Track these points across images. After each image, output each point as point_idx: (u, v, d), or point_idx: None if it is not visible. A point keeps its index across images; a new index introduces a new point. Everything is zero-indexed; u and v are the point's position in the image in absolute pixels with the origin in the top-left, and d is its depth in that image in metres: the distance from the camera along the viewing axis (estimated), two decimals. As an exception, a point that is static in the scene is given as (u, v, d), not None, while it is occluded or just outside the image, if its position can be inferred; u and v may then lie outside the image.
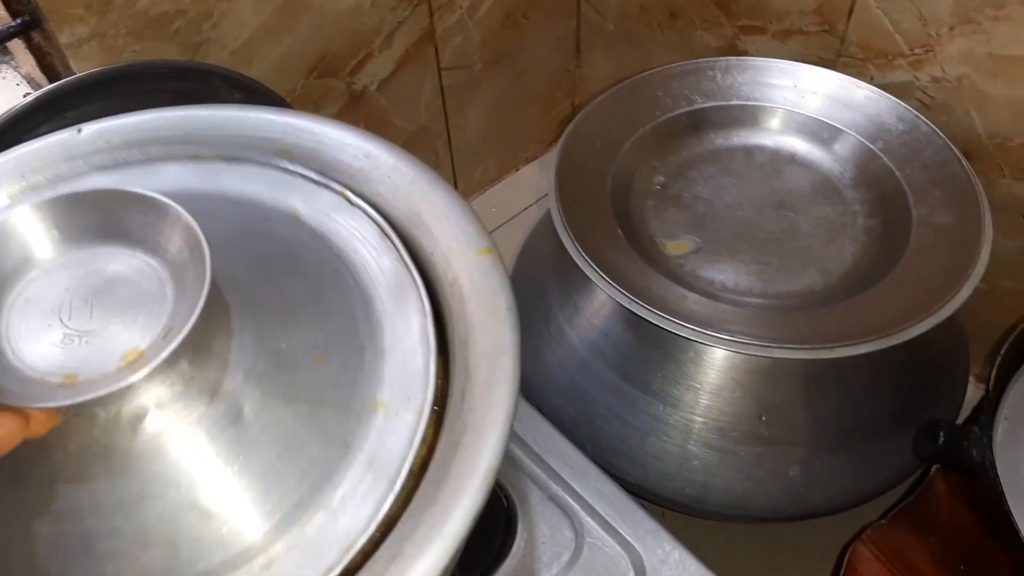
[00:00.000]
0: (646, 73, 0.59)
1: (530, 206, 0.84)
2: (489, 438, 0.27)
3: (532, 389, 0.54)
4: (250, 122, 0.39)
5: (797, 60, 0.64)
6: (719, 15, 0.69)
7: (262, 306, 0.32)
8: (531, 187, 0.86)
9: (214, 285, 0.29)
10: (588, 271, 0.46)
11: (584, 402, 0.51)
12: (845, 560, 0.45)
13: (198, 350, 0.28)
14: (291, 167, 0.38)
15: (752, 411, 0.47)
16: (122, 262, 0.29)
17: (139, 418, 0.27)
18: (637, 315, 0.45)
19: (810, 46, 0.64)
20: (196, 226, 0.27)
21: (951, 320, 0.53)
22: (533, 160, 0.88)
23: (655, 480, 0.49)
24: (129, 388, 0.25)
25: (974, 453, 0.42)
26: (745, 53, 0.69)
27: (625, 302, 0.45)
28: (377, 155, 0.37)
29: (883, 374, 0.49)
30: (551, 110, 0.86)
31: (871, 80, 0.62)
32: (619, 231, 0.50)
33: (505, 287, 0.31)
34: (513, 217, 0.83)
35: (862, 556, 0.45)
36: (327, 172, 0.37)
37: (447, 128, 0.76)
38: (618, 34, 0.80)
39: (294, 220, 0.36)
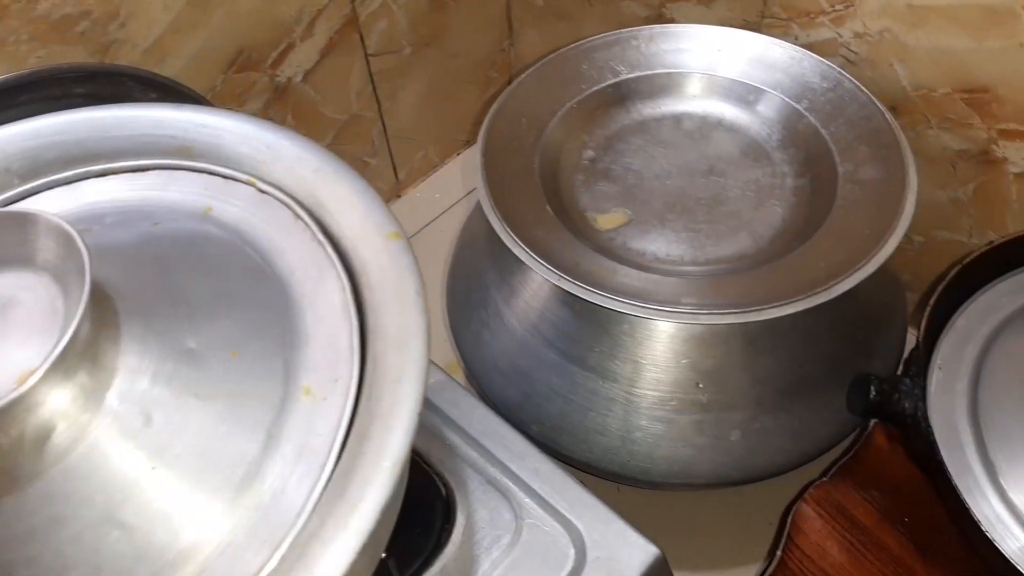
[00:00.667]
0: (569, 47, 0.59)
1: (474, 190, 0.83)
2: (395, 430, 0.26)
3: (475, 372, 0.54)
4: (149, 121, 0.38)
5: (722, 24, 0.64)
6: (643, -17, 0.69)
7: (167, 307, 0.31)
8: (473, 170, 0.85)
9: (99, 288, 0.28)
10: (516, 249, 0.46)
11: (526, 382, 0.51)
12: (789, 520, 0.45)
13: (96, 358, 0.27)
14: (198, 165, 0.37)
15: (689, 379, 0.47)
16: (12, 285, 0.28)
17: (44, 438, 0.26)
18: (568, 291, 0.44)
19: (734, 9, 0.64)
20: (69, 228, 0.26)
21: (884, 272, 0.54)
22: (473, 143, 0.87)
23: (600, 455, 0.49)
24: (17, 404, 0.24)
25: (906, 405, 0.42)
26: (672, 20, 0.69)
27: (554, 279, 0.44)
28: (279, 145, 0.36)
29: (818, 332, 0.49)
30: (487, 91, 0.85)
31: (795, 39, 0.62)
32: (548, 208, 0.50)
33: (413, 271, 0.31)
34: (457, 202, 0.82)
35: (805, 515, 0.45)
36: (231, 165, 0.36)
37: (380, 115, 0.75)
38: (548, 9, 0.79)
39: (205, 217, 0.35)
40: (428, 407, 0.43)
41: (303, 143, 0.36)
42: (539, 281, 0.51)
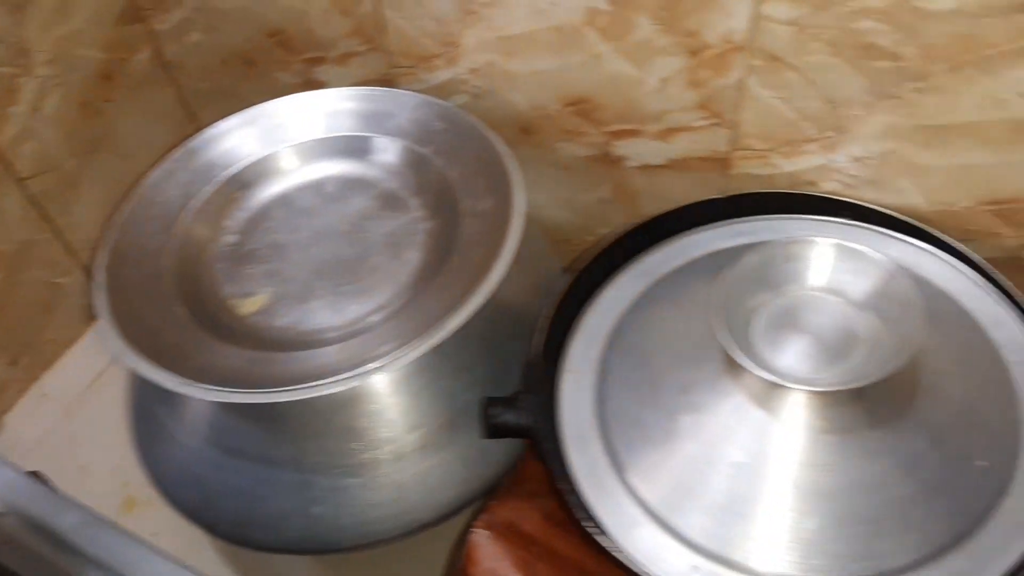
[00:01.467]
0: (196, 137, 0.59)
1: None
2: None
3: (164, 488, 0.53)
4: None
5: (362, 82, 0.66)
6: (285, 55, 0.70)
7: None
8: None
9: None
10: (135, 365, 0.45)
11: (201, 486, 0.50)
12: (463, 552, 0.47)
13: None
14: None
15: (344, 444, 0.48)
16: None
17: None
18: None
19: (367, 65, 0.66)
20: None
21: (537, 286, 0.57)
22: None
23: (290, 538, 0.49)
24: None
25: (522, 422, 0.45)
26: (322, 83, 0.70)
27: (173, 386, 0.44)
28: None
29: (468, 361, 0.51)
30: (182, 180, 0.84)
31: (426, 84, 0.64)
32: (182, 309, 0.50)
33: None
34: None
35: (476, 542, 0.47)
36: None
37: (59, 234, 0.73)
38: (215, 90, 0.79)
39: None
40: (68, 551, 0.42)
41: None
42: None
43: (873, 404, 0.41)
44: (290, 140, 0.59)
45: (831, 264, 0.44)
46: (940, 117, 0.47)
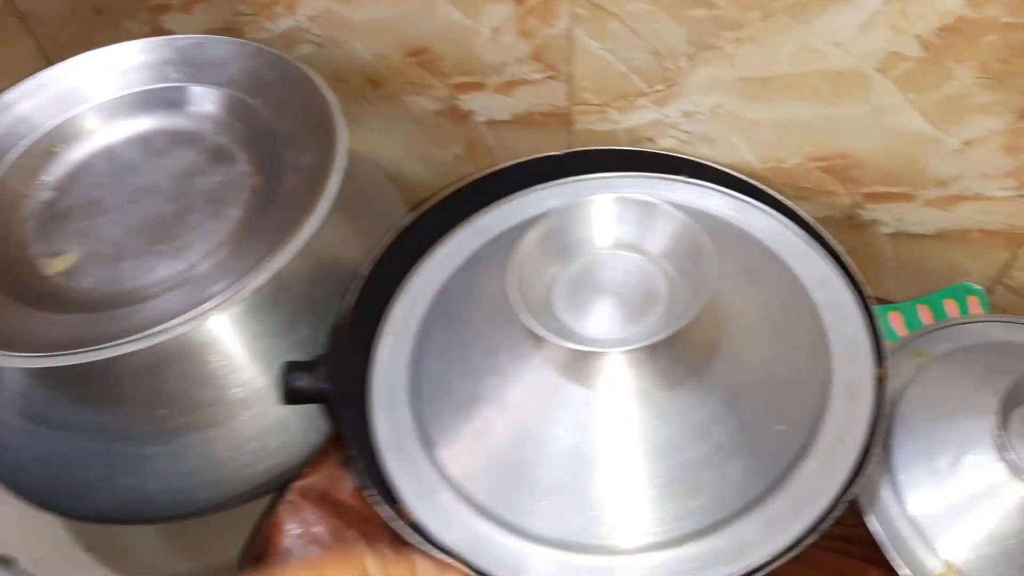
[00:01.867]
0: (11, 90, 0.56)
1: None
2: None
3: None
4: None
5: (208, 30, 0.63)
6: (131, 2, 0.67)
7: None
8: None
9: None
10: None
11: (8, 454, 0.49)
12: (272, 519, 0.46)
13: None
14: None
15: (150, 411, 0.46)
16: None
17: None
18: None
19: (212, 12, 0.63)
20: None
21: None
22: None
23: (97, 508, 0.48)
24: None
25: (317, 386, 0.43)
26: (169, 32, 0.67)
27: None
28: None
29: (286, 320, 0.49)
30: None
31: (270, 33, 0.62)
32: (-22, 270, 0.47)
33: None
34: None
35: (286, 509, 0.46)
36: None
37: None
38: (72, 40, 0.75)
39: None
40: None
41: None
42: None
43: (668, 364, 0.40)
44: (111, 93, 0.56)
45: (628, 220, 0.42)
46: (760, 69, 0.45)
